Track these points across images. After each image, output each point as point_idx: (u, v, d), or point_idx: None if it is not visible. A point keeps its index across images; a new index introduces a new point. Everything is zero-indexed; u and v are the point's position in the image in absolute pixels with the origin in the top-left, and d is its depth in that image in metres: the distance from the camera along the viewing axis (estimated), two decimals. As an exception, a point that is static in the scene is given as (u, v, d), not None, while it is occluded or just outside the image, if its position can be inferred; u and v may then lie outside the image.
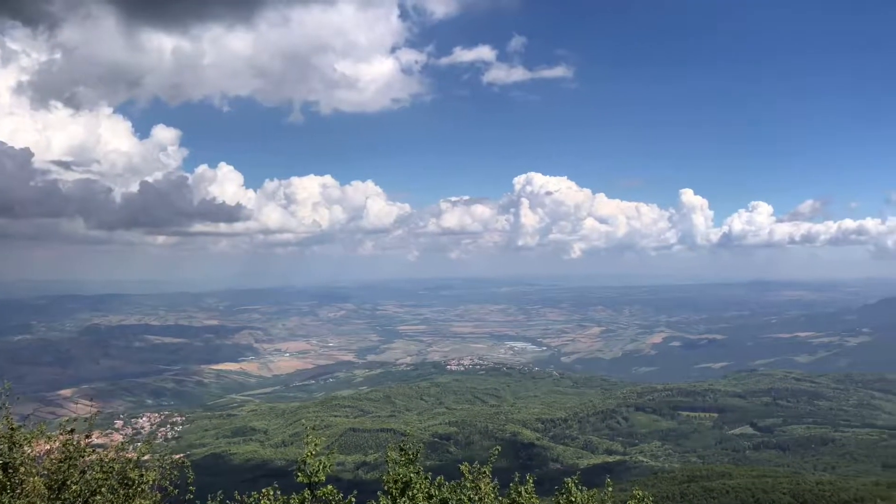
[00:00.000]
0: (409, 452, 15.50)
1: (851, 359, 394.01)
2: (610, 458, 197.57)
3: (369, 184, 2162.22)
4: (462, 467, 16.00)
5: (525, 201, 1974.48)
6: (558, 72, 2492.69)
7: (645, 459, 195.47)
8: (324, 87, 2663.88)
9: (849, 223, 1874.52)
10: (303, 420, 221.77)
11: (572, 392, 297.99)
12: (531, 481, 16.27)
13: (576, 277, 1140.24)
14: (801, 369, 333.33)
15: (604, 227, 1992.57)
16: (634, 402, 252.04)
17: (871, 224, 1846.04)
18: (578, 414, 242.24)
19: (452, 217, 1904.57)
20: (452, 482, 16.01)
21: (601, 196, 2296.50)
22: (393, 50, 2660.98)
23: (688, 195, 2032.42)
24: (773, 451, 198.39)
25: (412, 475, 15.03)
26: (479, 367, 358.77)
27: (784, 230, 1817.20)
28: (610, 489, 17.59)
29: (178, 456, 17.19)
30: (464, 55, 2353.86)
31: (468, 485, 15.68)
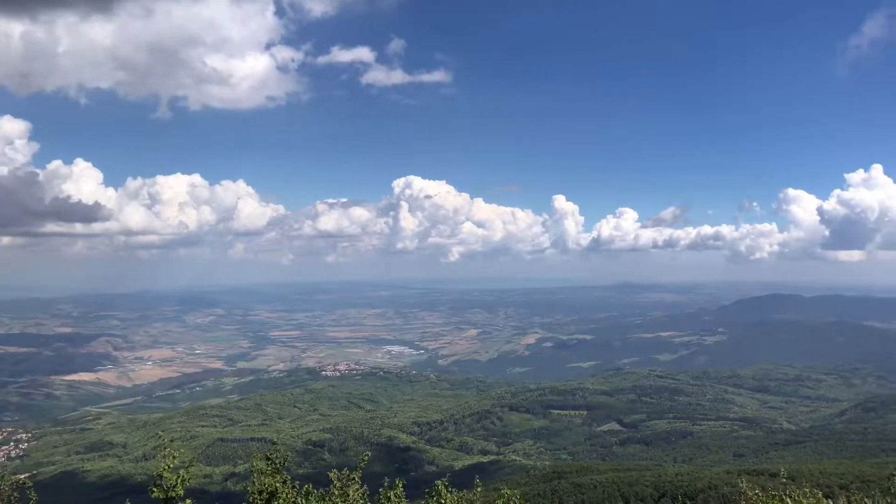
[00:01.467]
0: (276, 461, 14.99)
1: (708, 356, 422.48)
2: (484, 459, 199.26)
3: (241, 184, 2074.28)
4: (331, 474, 15.63)
5: (404, 205, 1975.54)
6: (437, 76, 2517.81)
7: (518, 458, 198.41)
8: (193, 81, 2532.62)
9: (707, 229, 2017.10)
10: (159, 432, 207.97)
11: (449, 394, 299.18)
12: (400, 486, 15.85)
13: (454, 281, 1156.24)
14: (664, 367, 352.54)
15: (481, 232, 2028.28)
16: (509, 403, 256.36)
17: (726, 230, 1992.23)
18: (454, 416, 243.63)
19: (329, 219, 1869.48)
20: (321, 490, 15.63)
21: (479, 201, 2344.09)
22: (268, 46, 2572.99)
23: (560, 201, 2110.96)
24: (637, 446, 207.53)
25: (278, 485, 14.59)
26: (355, 372, 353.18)
27: (648, 235, 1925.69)
28: (479, 489, 17.09)
29: (19, 476, 16.16)
30: (342, 55, 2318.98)
31: (336, 492, 15.29)
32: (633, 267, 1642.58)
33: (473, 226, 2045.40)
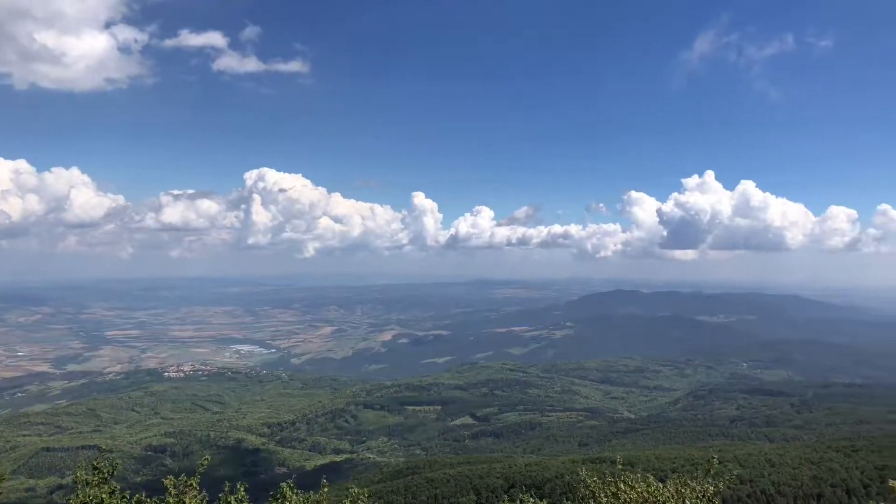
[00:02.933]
0: (104, 470, 14.04)
1: (557, 350, 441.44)
2: (338, 458, 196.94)
3: (74, 171, 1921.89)
4: (166, 481, 14.41)
5: (257, 198, 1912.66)
6: (294, 66, 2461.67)
7: (372, 456, 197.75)
8: (19, 58, 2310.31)
9: (557, 228, 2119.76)
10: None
11: (301, 394, 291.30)
12: (242, 489, 14.80)
13: (310, 277, 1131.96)
14: (516, 361, 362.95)
15: (339, 227, 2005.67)
16: (363, 400, 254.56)
17: (574, 230, 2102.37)
18: (307, 415, 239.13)
19: (175, 212, 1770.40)
20: (154, 498, 14.70)
21: (337, 195, 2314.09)
22: (108, 25, 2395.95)
23: (420, 198, 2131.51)
24: (489, 439, 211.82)
25: (104, 496, 13.67)
26: (201, 372, 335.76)
27: (503, 233, 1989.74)
28: (326, 490, 16.18)
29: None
30: (191, 39, 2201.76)
31: (172, 500, 14.29)
32: (488, 264, 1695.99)
33: (331, 221, 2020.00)
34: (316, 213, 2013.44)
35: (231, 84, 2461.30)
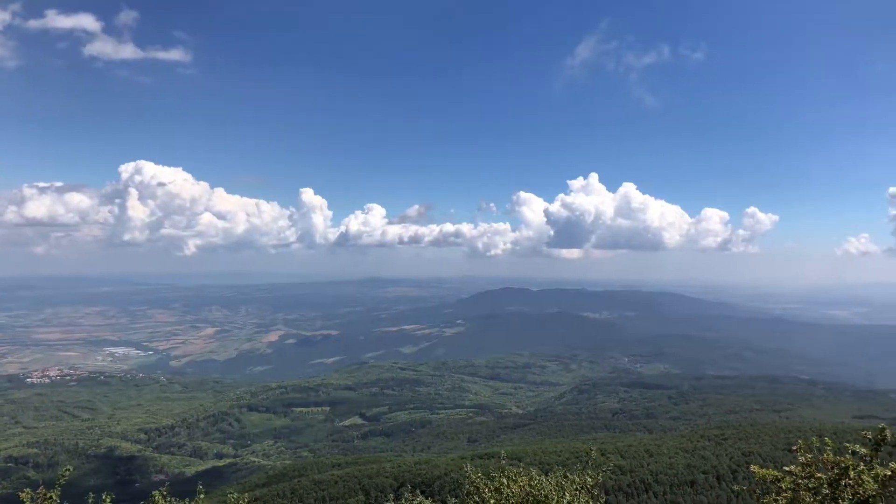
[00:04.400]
0: None
1: (447, 347, 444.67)
2: (220, 463, 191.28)
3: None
4: (22, 494, 13.07)
5: (133, 192, 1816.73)
6: (175, 55, 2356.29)
7: (257, 459, 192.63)
8: None
9: (449, 227, 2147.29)
10: None
11: (182, 397, 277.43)
12: (108, 500, 13.58)
13: (191, 276, 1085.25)
14: (406, 359, 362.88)
15: (222, 224, 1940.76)
16: (248, 403, 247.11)
17: (466, 228, 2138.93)
18: (188, 420, 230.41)
19: (40, 205, 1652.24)
20: None
21: (220, 191, 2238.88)
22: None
23: (308, 194, 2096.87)
24: (379, 438, 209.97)
25: None
26: (69, 377, 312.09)
27: (395, 231, 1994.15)
28: (202, 496, 15.52)
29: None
30: (60, 21, 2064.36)
31: None
32: (380, 262, 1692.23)
33: (214, 217, 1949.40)
34: (197, 209, 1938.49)
35: (105, 71, 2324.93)
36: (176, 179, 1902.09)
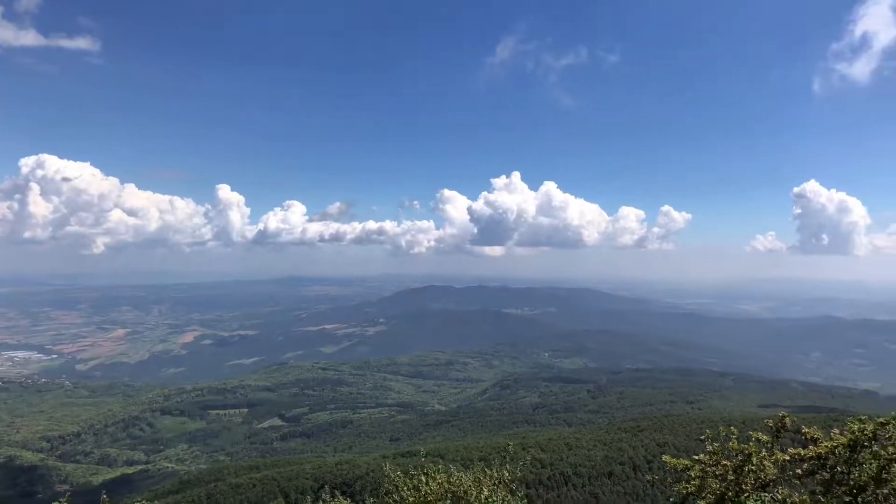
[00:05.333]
0: None
1: (370, 346, 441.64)
2: (131, 470, 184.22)
3: None
4: None
5: (35, 187, 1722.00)
6: (82, 43, 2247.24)
7: (171, 465, 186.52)
8: None
9: (371, 224, 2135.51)
10: None
11: (89, 402, 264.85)
12: None
13: (99, 275, 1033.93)
14: (327, 359, 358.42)
15: (133, 221, 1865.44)
16: (161, 406, 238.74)
17: (388, 226, 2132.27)
18: (95, 426, 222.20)
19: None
20: None
21: (131, 187, 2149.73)
22: None
23: (225, 191, 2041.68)
24: (299, 440, 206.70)
25: None
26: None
27: (315, 229, 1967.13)
28: None
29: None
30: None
31: None
32: (300, 260, 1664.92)
33: (124, 214, 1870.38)
34: (106, 206, 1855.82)
35: (5, 58, 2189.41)
36: (83, 174, 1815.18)
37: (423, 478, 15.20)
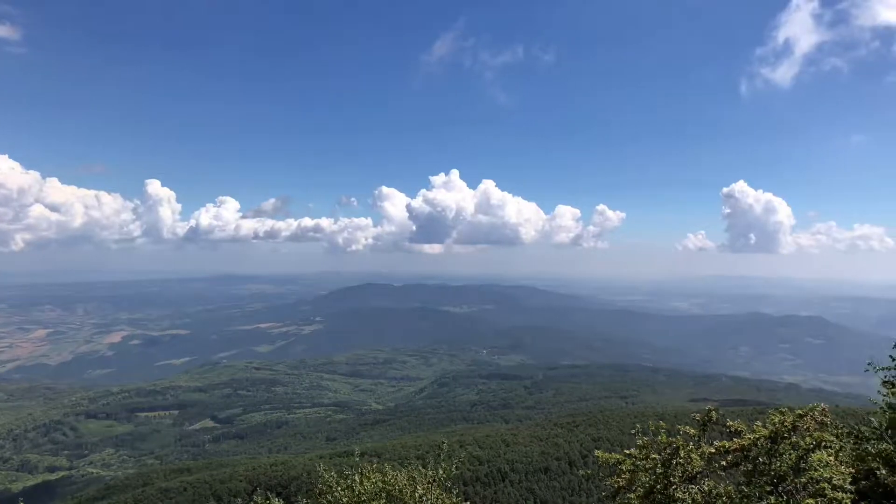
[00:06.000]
0: None
1: (306, 345, 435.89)
2: (52, 476, 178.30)
3: None
4: None
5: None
6: (1, 31, 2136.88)
7: (95, 470, 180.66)
8: None
9: (307, 221, 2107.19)
10: None
11: (6, 407, 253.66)
12: None
13: (18, 273, 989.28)
14: (262, 359, 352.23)
15: (56, 217, 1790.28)
16: (85, 410, 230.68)
17: (326, 223, 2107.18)
18: (13, 431, 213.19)
19: None
20: None
21: (54, 181, 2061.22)
22: None
23: (155, 186, 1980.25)
24: (233, 441, 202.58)
25: None
26: None
27: (250, 225, 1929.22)
28: None
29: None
30: None
31: None
32: (233, 258, 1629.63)
33: (46, 209, 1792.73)
34: (26, 201, 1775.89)
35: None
36: (1, 168, 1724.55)
37: (358, 477, 15.14)
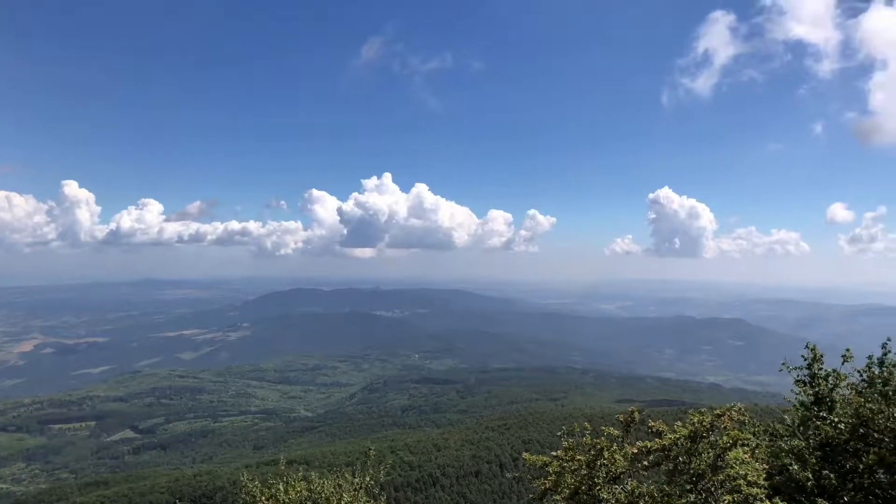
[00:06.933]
0: None
1: (232, 352, 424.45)
2: None
3: None
4: None
5: None
6: None
7: (5, 486, 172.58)
8: None
9: (234, 225, 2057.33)
10: None
11: None
12: None
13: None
14: (186, 366, 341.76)
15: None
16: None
17: (253, 227, 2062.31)
18: None
19: None
20: None
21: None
22: None
23: (72, 187, 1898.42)
24: (154, 452, 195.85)
25: None
26: None
27: (174, 229, 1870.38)
28: None
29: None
30: None
31: None
32: (156, 262, 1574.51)
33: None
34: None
35: None
36: None
37: (282, 486, 14.88)
